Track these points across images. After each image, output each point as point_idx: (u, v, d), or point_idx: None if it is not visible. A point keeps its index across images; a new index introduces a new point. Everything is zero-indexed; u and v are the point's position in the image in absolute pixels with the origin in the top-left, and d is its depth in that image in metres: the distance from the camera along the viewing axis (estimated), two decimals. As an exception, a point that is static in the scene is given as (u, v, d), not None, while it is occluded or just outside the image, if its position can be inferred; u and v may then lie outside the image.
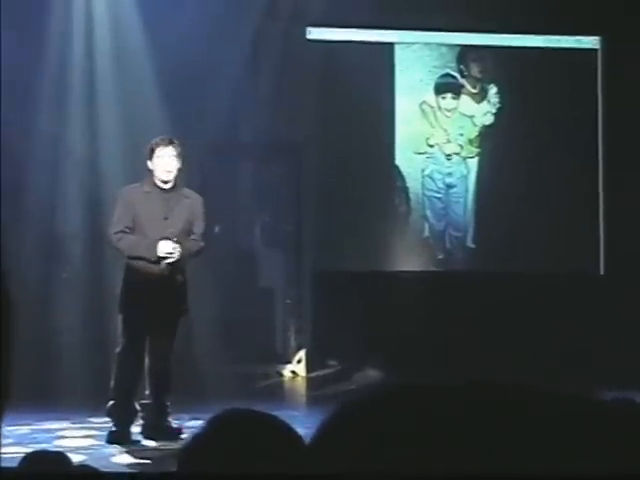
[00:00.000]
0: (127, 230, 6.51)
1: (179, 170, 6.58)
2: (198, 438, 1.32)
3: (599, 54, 10.43)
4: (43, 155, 9.03)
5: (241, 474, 1.26)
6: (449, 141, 10.37)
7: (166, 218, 6.56)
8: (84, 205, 9.08)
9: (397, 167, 10.23)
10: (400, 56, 10.28)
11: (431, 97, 10.37)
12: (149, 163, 6.59)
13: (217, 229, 9.52)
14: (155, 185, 6.60)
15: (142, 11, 9.23)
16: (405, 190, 10.22)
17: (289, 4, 9.94)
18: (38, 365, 8.48)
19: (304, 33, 10.06)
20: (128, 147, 8.76)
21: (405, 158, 10.26)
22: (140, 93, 9.19)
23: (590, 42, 10.45)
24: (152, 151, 6.55)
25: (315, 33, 10.13)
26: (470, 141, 10.41)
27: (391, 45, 10.25)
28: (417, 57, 10.32)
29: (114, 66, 9.29)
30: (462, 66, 10.41)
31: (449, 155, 10.36)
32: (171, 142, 6.57)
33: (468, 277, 10.10)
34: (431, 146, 10.33)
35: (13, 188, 8.81)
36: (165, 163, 6.53)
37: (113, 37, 9.34)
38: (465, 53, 10.38)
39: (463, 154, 10.39)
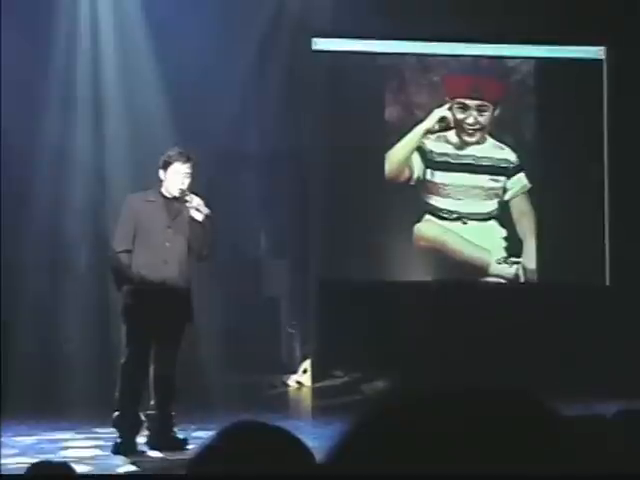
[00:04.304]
0: (128, 251, 6.51)
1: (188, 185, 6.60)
2: (208, 449, 1.32)
3: (604, 64, 10.41)
4: (47, 159, 9.04)
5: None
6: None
7: (169, 227, 6.57)
8: (88, 214, 9.08)
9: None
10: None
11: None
12: (161, 173, 6.58)
13: (221, 239, 9.51)
14: (161, 194, 6.61)
15: (148, 22, 9.25)
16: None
17: (295, 15, 9.95)
18: (44, 376, 8.49)
19: (309, 44, 10.07)
20: (132, 154, 8.79)
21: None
22: (145, 102, 9.21)
23: (595, 52, 10.43)
24: (169, 163, 6.54)
25: (320, 44, 10.12)
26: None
27: (398, 55, 10.23)
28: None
29: (120, 75, 9.32)
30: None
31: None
32: (189, 159, 6.57)
33: (473, 287, 10.07)
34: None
35: (17, 194, 8.82)
36: (179, 180, 6.52)
37: (119, 46, 9.36)
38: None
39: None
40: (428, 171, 9.79)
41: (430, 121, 9.83)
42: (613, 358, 9.24)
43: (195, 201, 6.51)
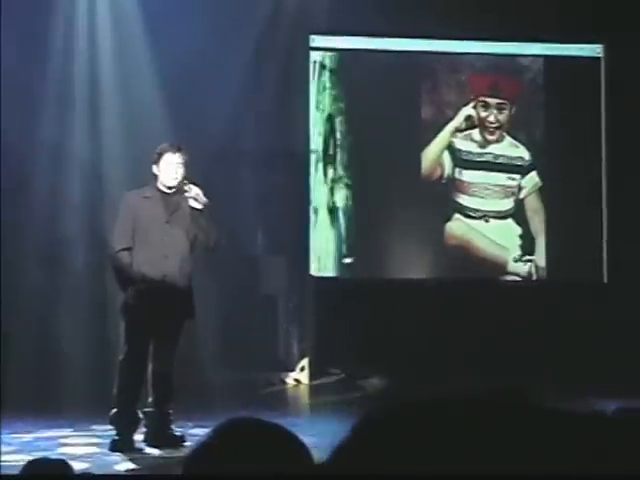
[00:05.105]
0: (128, 249, 6.50)
1: (184, 177, 6.59)
2: (204, 446, 1.31)
3: (602, 62, 10.40)
4: (45, 157, 9.05)
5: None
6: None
7: (167, 222, 6.58)
8: (86, 211, 9.09)
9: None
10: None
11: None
12: (154, 168, 6.60)
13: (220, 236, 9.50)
14: (157, 189, 6.62)
15: (146, 19, 9.26)
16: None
17: (292, 12, 9.95)
18: (41, 373, 8.49)
19: (307, 41, 10.06)
20: (130, 152, 8.78)
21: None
22: (143, 100, 9.22)
23: (593, 50, 10.42)
24: (159, 156, 6.56)
25: (318, 41, 10.11)
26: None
27: (394, 53, 10.21)
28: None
29: (117, 74, 9.33)
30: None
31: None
32: (179, 149, 6.59)
33: (471, 285, 10.06)
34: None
35: (15, 192, 8.82)
36: (171, 170, 6.55)
37: (117, 45, 9.38)
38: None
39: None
40: (457, 169, 9.80)
41: (458, 119, 9.83)
42: (612, 355, 9.25)
43: (194, 191, 6.51)
